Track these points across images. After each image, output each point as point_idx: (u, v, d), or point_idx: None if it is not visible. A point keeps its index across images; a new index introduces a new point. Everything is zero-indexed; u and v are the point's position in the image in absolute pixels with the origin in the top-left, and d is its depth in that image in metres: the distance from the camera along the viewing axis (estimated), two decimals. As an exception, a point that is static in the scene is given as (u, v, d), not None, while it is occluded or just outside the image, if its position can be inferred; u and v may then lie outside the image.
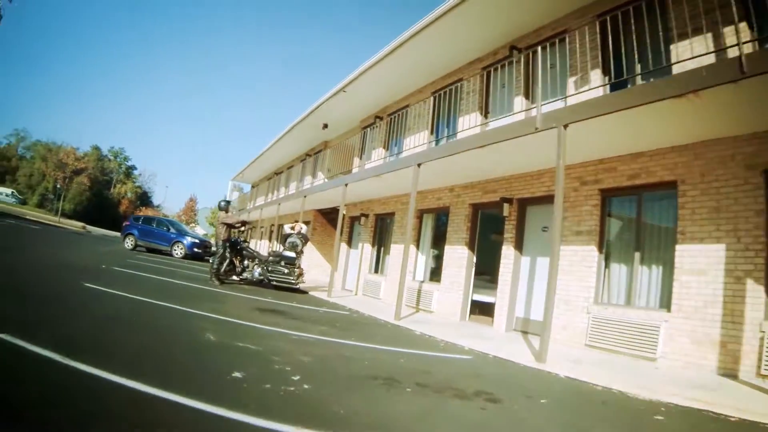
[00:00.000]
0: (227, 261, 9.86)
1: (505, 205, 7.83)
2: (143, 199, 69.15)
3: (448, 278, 8.97)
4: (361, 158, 13.14)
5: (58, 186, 42.93)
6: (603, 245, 6.54)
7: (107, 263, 9.47)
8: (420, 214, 10.36)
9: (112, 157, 69.24)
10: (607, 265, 6.53)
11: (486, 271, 10.19)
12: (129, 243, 17.40)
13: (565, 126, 5.09)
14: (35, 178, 50.46)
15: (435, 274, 9.74)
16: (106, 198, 59.84)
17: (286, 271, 10.14)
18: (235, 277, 10.13)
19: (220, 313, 5.40)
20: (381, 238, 12.42)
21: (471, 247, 8.79)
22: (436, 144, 9.48)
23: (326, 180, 12.44)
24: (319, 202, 14.81)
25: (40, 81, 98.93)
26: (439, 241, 9.94)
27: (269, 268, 10.15)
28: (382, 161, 11.23)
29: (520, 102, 8.09)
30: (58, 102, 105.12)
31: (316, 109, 13.71)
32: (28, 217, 29.27)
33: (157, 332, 4.13)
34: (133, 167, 72.03)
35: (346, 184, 10.54)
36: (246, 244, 10.77)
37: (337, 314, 7.50)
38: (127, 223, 18.82)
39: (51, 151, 46.29)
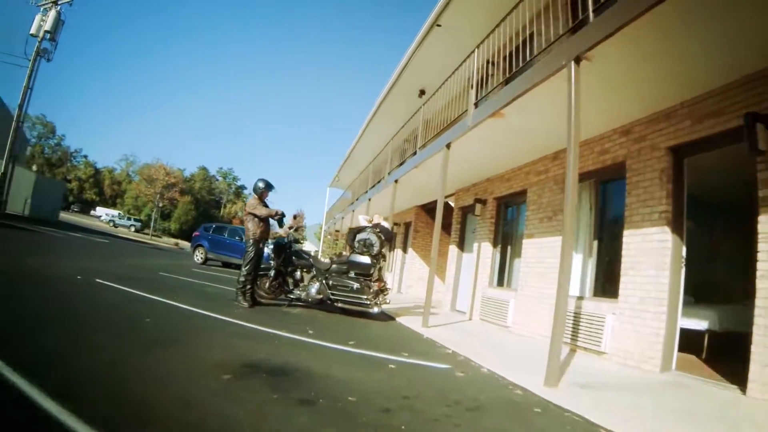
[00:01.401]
0: (272, 272, 7.48)
1: (760, 128, 4.07)
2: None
3: (632, 289, 5.29)
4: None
5: (160, 204, 46.78)
6: None
7: (103, 276, 7.15)
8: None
9: (220, 178, 75.50)
10: None
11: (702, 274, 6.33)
12: (199, 256, 16.09)
13: None
14: (141, 199, 56.20)
15: (604, 282, 6.12)
16: (214, 217, 64.99)
17: (355, 285, 7.28)
18: (289, 296, 7.64)
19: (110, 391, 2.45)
20: (506, 234, 9.06)
21: (676, 227, 5.07)
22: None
23: (419, 150, 9.56)
24: (418, 192, 12.01)
25: (151, 106, 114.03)
26: (608, 224, 6.34)
27: (330, 282, 7.44)
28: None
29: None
30: (169, 126, 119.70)
31: (407, 64, 10.94)
32: (119, 234, 31.36)
33: None
34: (243, 187, 77.72)
35: (449, 145, 7.50)
36: (299, 246, 8.27)
37: (421, 372, 4.17)
38: (197, 233, 16.95)
39: (154, 169, 50.74)
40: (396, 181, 10.73)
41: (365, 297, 7.20)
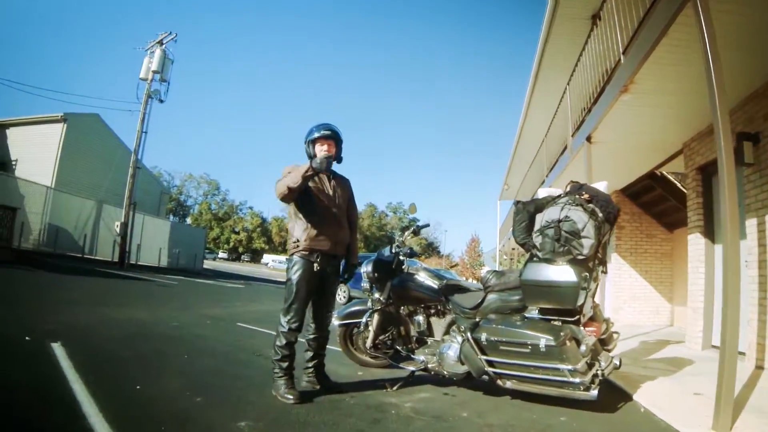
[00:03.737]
0: (373, 317, 4.03)
1: None
2: (429, 250, 72.85)
3: None
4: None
5: None
6: None
7: (79, 343, 4.25)
8: None
9: (390, 213, 76.62)
10: None
11: None
12: (341, 295, 13.60)
13: None
14: None
15: None
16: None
17: (542, 342, 3.14)
18: (409, 367, 3.92)
19: None
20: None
21: None
22: None
23: (623, 59, 5.61)
24: (623, 159, 7.90)
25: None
26: None
27: (485, 337, 3.40)
28: None
29: None
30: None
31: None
32: (268, 277, 29.95)
33: None
34: (415, 219, 77.98)
35: None
36: (417, 263, 4.91)
37: None
38: None
39: None
40: (589, 139, 6.84)
41: (568, 367, 3.14)
